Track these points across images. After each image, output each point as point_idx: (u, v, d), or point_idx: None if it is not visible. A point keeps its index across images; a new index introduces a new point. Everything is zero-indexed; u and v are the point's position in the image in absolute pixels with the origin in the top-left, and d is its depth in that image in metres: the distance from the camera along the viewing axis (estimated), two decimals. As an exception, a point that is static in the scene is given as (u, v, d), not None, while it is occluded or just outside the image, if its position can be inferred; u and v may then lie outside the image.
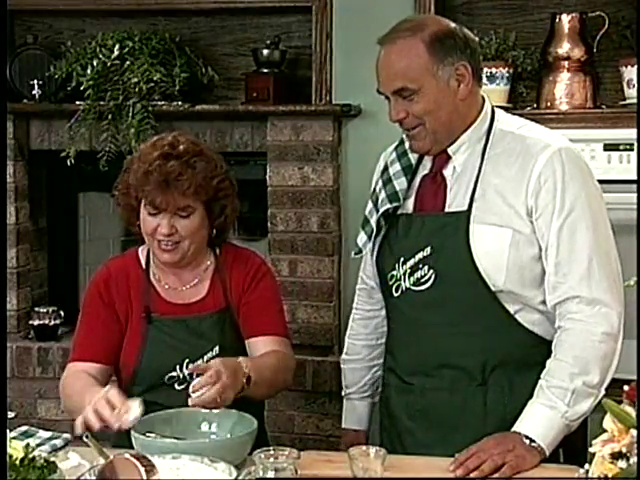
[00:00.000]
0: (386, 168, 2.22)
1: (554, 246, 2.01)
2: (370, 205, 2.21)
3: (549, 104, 3.16)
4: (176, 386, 2.20)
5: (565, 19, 3.15)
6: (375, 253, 2.21)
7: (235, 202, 2.30)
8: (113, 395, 1.93)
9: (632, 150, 2.94)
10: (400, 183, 2.16)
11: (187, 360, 2.19)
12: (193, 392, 1.92)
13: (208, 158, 2.21)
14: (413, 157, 2.18)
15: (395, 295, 2.14)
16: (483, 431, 2.01)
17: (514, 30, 3.29)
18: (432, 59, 2.01)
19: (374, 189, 2.23)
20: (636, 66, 3.05)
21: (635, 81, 3.07)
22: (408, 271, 2.10)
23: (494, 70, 3.16)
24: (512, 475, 1.87)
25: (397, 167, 2.19)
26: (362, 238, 2.20)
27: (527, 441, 1.92)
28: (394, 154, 2.22)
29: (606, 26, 3.15)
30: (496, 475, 1.86)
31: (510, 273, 2.02)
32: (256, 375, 2.03)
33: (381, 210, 2.15)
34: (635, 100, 3.04)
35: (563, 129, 2.58)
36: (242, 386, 1.99)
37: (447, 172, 2.11)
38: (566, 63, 3.16)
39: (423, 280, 2.08)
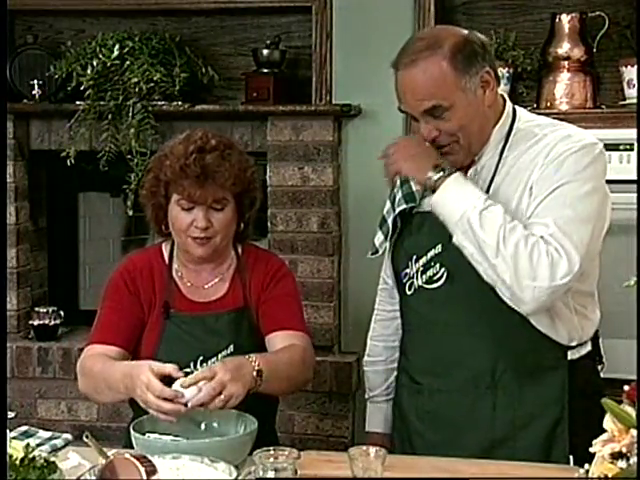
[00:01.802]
0: None
1: (540, 199, 1.91)
2: (388, 204, 2.18)
3: (549, 104, 3.16)
4: None
5: (565, 19, 3.16)
6: (391, 252, 2.19)
7: (261, 195, 2.32)
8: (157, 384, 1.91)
9: (632, 150, 2.94)
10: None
11: (201, 357, 2.18)
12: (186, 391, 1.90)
13: (239, 150, 2.25)
14: None
15: (408, 293, 2.12)
16: (492, 435, 2.01)
17: (514, 30, 3.30)
18: (458, 73, 1.94)
19: (392, 188, 2.19)
20: (636, 66, 3.06)
21: (635, 81, 3.07)
22: (420, 269, 2.07)
23: (494, 70, 3.17)
24: None
25: None
26: (379, 238, 2.18)
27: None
28: None
29: (606, 26, 3.16)
30: None
31: None
32: (269, 369, 2.00)
33: (397, 210, 2.13)
34: (635, 100, 3.04)
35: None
36: (254, 381, 1.97)
37: (469, 173, 2.05)
38: (566, 63, 3.16)
39: (435, 278, 2.05)
